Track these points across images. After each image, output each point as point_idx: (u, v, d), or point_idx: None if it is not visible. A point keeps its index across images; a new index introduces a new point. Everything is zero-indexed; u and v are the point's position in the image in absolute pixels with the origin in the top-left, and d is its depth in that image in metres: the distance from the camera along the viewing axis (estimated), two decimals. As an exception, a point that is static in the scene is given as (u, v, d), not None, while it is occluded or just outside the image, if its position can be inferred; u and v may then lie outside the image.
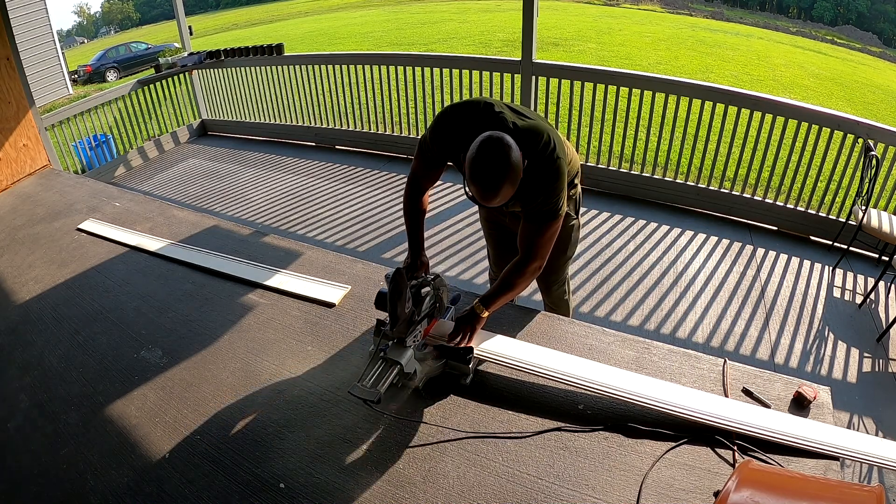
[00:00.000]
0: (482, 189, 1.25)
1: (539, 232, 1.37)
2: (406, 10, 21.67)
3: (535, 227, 1.37)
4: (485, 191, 1.25)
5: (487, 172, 1.23)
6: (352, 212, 3.69)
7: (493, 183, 1.23)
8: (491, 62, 4.01)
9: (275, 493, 1.12)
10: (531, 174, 1.31)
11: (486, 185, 1.24)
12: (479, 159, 1.23)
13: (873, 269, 2.89)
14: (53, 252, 2.13)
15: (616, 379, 1.30)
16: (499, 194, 1.25)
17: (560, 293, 1.94)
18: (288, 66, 4.79)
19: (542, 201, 1.33)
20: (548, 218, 1.35)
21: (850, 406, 2.12)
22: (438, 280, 1.46)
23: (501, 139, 1.24)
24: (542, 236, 1.37)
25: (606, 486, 1.09)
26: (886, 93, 11.27)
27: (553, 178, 1.33)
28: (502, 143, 1.23)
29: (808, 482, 0.95)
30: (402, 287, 1.21)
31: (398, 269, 1.22)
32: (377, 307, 1.35)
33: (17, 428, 1.35)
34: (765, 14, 24.63)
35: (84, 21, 40.05)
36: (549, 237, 1.38)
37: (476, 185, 1.25)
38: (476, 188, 1.26)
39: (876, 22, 22.79)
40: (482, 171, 1.23)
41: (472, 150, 1.24)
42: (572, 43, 13.15)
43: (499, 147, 1.23)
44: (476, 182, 1.25)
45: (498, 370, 1.39)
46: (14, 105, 2.92)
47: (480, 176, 1.24)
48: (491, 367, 1.39)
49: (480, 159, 1.23)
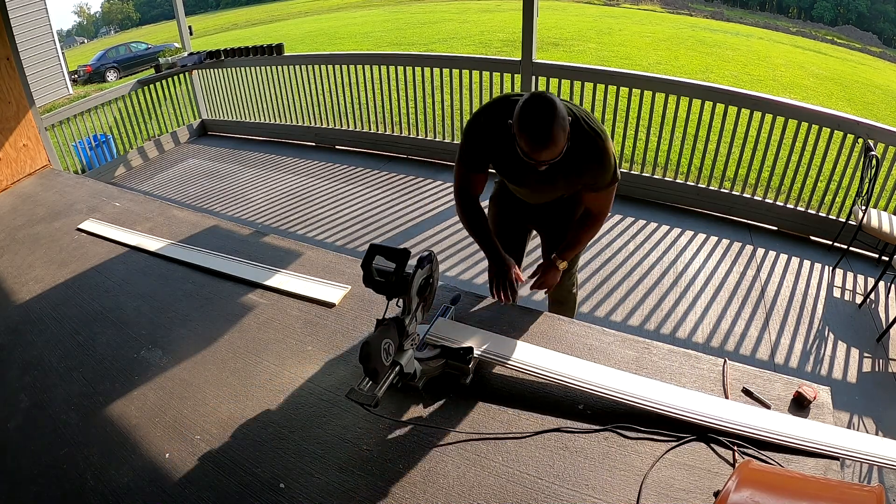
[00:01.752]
0: (532, 136, 1.24)
1: (609, 193, 1.52)
2: (406, 10, 21.67)
3: (606, 192, 1.51)
4: (536, 138, 1.24)
5: (538, 119, 1.23)
6: (352, 212, 3.69)
7: (544, 128, 1.23)
8: (491, 62, 4.01)
9: (275, 493, 1.12)
10: (589, 157, 1.39)
11: (537, 130, 1.24)
12: (526, 110, 1.25)
13: (873, 269, 2.89)
14: (53, 252, 2.13)
15: (616, 379, 1.30)
16: (552, 139, 1.24)
17: (570, 285, 1.97)
18: (288, 66, 4.79)
19: (607, 173, 1.44)
20: (613, 182, 1.48)
21: (850, 406, 2.12)
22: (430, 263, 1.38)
23: (545, 94, 1.26)
24: (611, 195, 1.53)
25: (606, 486, 1.09)
26: (886, 93, 11.27)
27: (606, 154, 1.41)
28: (546, 96, 1.26)
29: (808, 482, 0.95)
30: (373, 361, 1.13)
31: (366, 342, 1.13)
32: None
33: (17, 428, 1.35)
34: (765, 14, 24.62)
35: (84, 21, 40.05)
36: (612, 195, 1.54)
37: (526, 135, 1.25)
38: (526, 138, 1.25)
39: (876, 22, 22.78)
40: (532, 119, 1.24)
41: (518, 108, 1.26)
42: (572, 43, 13.15)
43: (544, 98, 1.25)
44: (526, 131, 1.25)
45: (498, 370, 1.39)
46: (14, 105, 2.92)
47: (531, 123, 1.24)
48: (491, 367, 1.39)
49: (528, 109, 1.25)
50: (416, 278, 1.25)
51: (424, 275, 1.29)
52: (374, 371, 1.12)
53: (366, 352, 1.13)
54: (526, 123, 1.25)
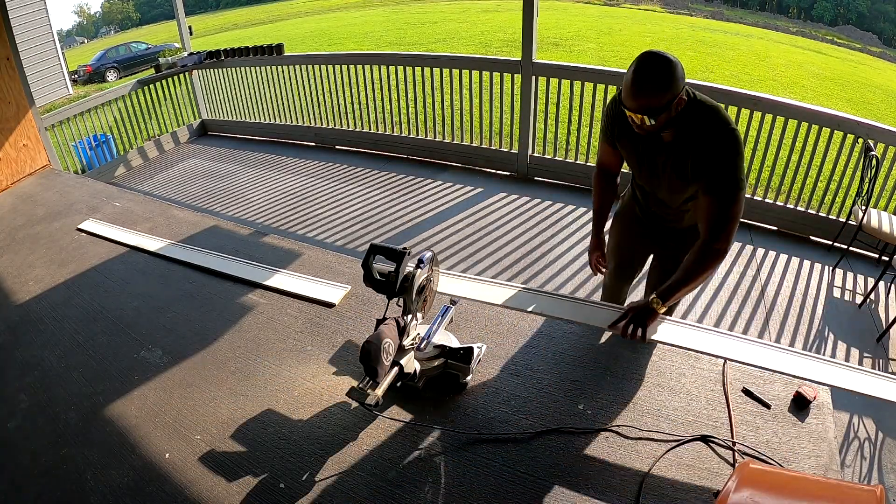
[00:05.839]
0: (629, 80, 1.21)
1: (728, 203, 1.26)
2: (406, 10, 21.67)
3: (723, 200, 1.26)
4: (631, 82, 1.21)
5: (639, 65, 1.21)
6: (352, 212, 3.69)
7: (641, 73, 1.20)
8: (491, 62, 4.02)
9: (275, 493, 1.12)
10: (712, 144, 1.27)
11: (634, 74, 1.20)
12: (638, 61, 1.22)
13: (873, 269, 2.89)
14: (53, 252, 2.13)
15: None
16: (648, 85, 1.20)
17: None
18: (288, 66, 4.79)
19: (729, 171, 1.26)
20: (735, 187, 1.25)
21: (850, 406, 2.12)
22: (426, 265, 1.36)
23: (660, 52, 1.22)
24: (731, 209, 1.26)
25: (606, 486, 1.09)
26: (886, 93, 11.27)
27: (735, 148, 1.28)
28: (659, 53, 1.22)
29: (808, 482, 0.95)
30: (373, 361, 1.13)
31: (367, 343, 1.14)
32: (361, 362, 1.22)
33: (17, 428, 1.35)
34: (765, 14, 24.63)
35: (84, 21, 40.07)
36: (736, 212, 1.28)
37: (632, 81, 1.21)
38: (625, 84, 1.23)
39: (876, 22, 22.79)
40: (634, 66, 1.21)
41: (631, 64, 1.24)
42: (572, 43, 13.15)
43: (654, 52, 1.22)
44: (634, 76, 1.21)
45: (498, 370, 1.39)
46: (14, 105, 2.92)
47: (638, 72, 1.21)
48: (491, 366, 1.40)
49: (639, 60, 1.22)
50: (416, 278, 1.25)
51: (424, 275, 1.29)
52: (374, 371, 1.12)
53: (366, 351, 1.13)
54: (629, 71, 1.22)
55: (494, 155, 4.09)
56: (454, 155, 4.25)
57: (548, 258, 3.05)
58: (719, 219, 1.28)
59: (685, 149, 1.31)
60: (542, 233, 3.29)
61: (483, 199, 3.71)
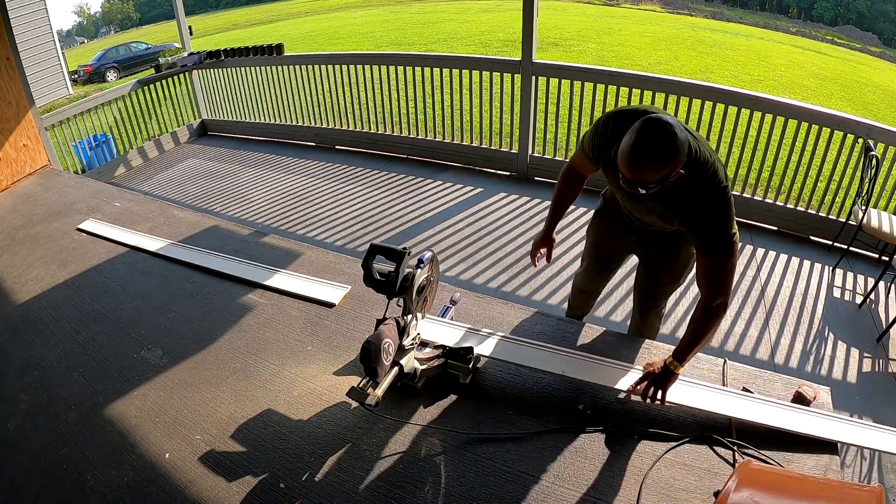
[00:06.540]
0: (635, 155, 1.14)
1: (723, 263, 1.28)
2: (406, 10, 21.67)
3: (717, 259, 1.28)
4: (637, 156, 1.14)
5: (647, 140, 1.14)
6: (352, 212, 3.68)
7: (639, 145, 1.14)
8: (491, 62, 4.01)
9: (275, 493, 1.12)
10: (703, 205, 1.25)
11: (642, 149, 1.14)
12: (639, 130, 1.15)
13: (873, 269, 2.89)
14: (53, 252, 2.13)
15: (616, 379, 1.30)
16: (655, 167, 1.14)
17: (655, 318, 1.83)
18: (288, 66, 4.78)
19: (721, 231, 1.26)
20: (727, 245, 1.27)
21: (850, 406, 2.12)
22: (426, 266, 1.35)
23: (666, 119, 1.15)
24: (725, 266, 1.28)
25: (606, 486, 1.09)
26: (886, 93, 11.27)
27: (724, 204, 1.26)
28: (662, 118, 1.15)
29: (808, 482, 0.95)
30: (373, 361, 1.14)
31: (368, 343, 1.14)
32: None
33: (17, 428, 1.35)
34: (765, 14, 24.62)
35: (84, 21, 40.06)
36: (731, 268, 1.29)
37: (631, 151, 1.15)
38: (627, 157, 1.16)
39: (876, 22, 22.79)
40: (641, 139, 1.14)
41: (632, 127, 1.17)
42: (572, 43, 13.15)
43: (662, 123, 1.15)
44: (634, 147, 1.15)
45: (498, 370, 1.39)
46: (14, 105, 2.92)
47: (638, 143, 1.14)
48: (491, 366, 1.40)
49: (641, 130, 1.15)
50: (416, 278, 1.25)
51: (424, 275, 1.29)
52: (374, 371, 1.12)
53: (366, 351, 1.13)
54: (636, 141, 1.15)
55: (494, 155, 4.09)
56: (454, 155, 4.25)
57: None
58: (718, 278, 1.29)
59: (674, 202, 1.30)
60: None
61: (483, 199, 3.71)
